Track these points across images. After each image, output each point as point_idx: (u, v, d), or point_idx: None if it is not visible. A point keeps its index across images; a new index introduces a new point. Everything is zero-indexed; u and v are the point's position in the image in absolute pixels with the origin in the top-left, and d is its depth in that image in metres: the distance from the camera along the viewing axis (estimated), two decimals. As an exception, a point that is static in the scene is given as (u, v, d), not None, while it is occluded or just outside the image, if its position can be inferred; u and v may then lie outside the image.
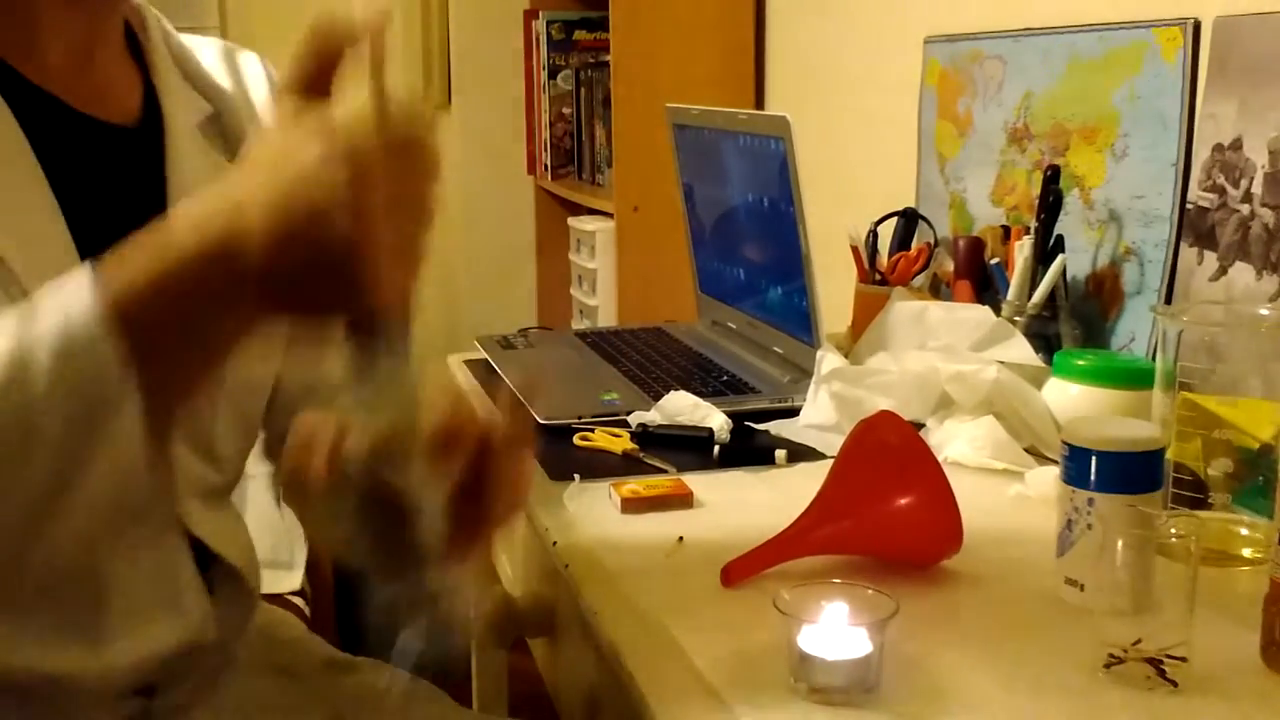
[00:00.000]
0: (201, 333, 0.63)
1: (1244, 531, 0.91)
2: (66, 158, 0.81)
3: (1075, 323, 1.33)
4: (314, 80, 0.63)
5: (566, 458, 1.18)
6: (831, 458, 0.95)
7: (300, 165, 0.60)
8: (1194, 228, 1.22)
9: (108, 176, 0.85)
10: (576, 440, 1.22)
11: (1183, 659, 0.73)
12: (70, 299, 0.62)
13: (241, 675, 0.99)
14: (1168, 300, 1.26)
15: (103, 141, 0.85)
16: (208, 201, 0.63)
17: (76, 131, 0.83)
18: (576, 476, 1.12)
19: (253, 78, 0.98)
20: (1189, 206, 1.23)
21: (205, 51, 0.96)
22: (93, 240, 0.79)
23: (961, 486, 0.88)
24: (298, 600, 1.92)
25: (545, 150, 2.88)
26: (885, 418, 0.92)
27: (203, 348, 0.64)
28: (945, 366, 1.19)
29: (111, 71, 0.87)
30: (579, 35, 2.80)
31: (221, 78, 0.95)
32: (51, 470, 0.62)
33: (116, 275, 0.62)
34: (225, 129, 0.93)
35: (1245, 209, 1.16)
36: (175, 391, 0.65)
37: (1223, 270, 1.19)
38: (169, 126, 0.88)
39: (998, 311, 1.31)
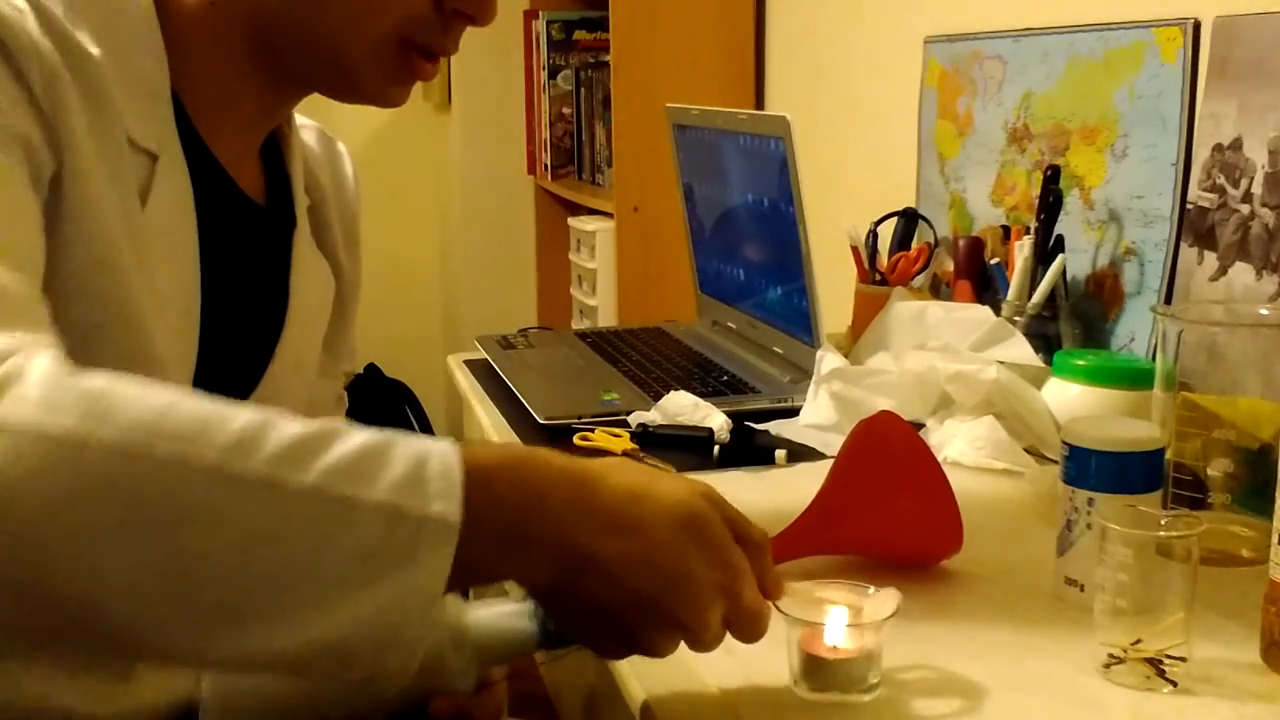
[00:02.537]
0: (520, 552, 0.64)
1: (1244, 531, 0.91)
2: (216, 227, 0.84)
3: (1075, 323, 1.33)
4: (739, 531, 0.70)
5: (566, 458, 1.18)
6: (831, 458, 0.95)
7: (702, 532, 0.67)
8: (1194, 228, 1.22)
9: (241, 251, 0.88)
10: (576, 440, 1.22)
11: (1182, 659, 0.73)
12: (436, 443, 0.62)
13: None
14: (1168, 300, 1.26)
15: (245, 217, 0.88)
16: (610, 472, 0.67)
17: (229, 204, 0.87)
18: (576, 476, 1.12)
19: (345, 174, 1.02)
20: (1189, 206, 1.23)
21: (307, 138, 0.99)
22: (215, 310, 0.83)
23: (961, 486, 0.88)
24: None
25: (545, 150, 2.87)
26: (885, 418, 0.92)
27: (507, 562, 0.65)
28: (945, 366, 1.19)
29: (250, 166, 0.91)
30: (579, 35, 2.80)
31: (320, 169, 0.99)
32: (336, 568, 0.59)
33: (487, 452, 0.64)
34: (317, 223, 0.97)
35: (1245, 209, 1.16)
36: (463, 578, 0.63)
37: (1223, 270, 1.19)
38: (298, 217, 0.93)
39: (998, 311, 1.31)
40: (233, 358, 0.87)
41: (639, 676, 0.76)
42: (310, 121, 1.01)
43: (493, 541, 0.63)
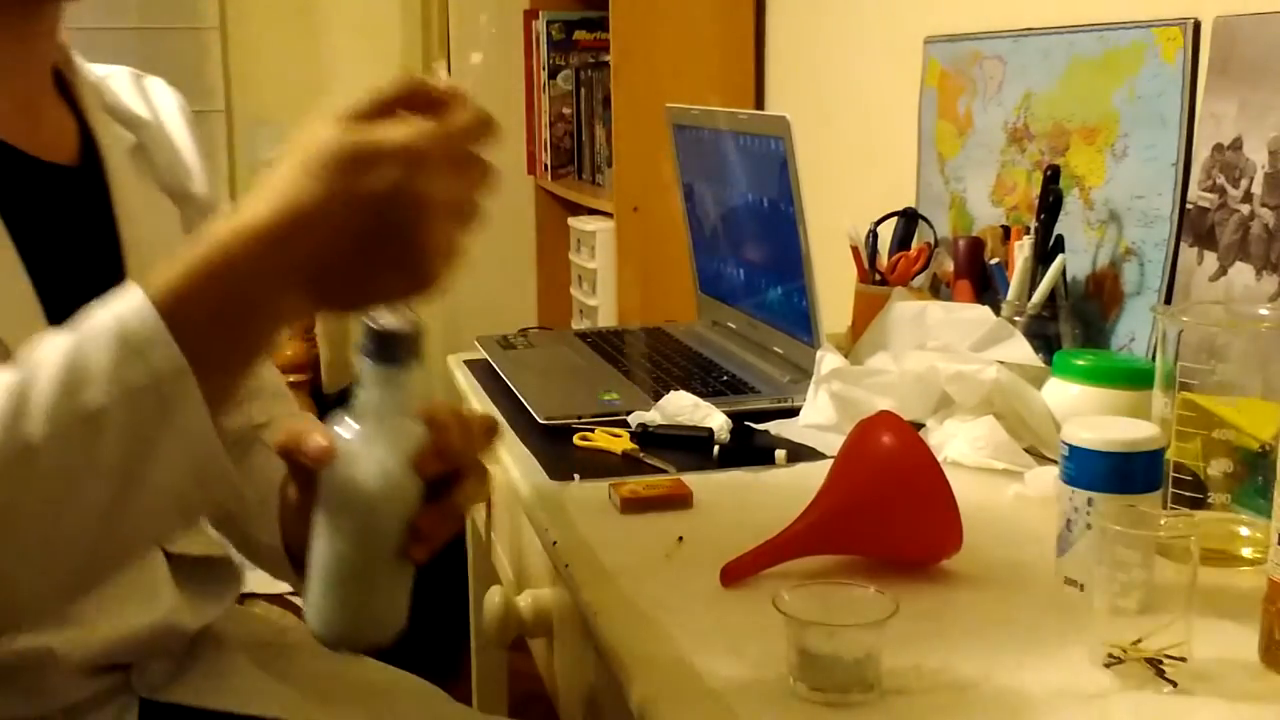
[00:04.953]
0: (252, 319, 0.65)
1: (1244, 531, 0.91)
2: (19, 201, 0.83)
3: (1075, 323, 1.33)
4: (381, 113, 0.65)
5: (566, 458, 1.18)
6: (831, 458, 0.95)
7: (357, 161, 0.63)
8: (1194, 228, 1.22)
9: (59, 216, 0.87)
10: (576, 440, 1.22)
11: (1182, 659, 0.73)
12: (121, 304, 0.64)
13: (228, 657, 1.01)
14: (1168, 300, 1.26)
15: (51, 183, 0.88)
16: (256, 196, 0.65)
17: (26, 174, 0.86)
18: (576, 476, 1.12)
19: (163, 102, 1.01)
20: (1189, 206, 1.23)
21: (116, 81, 0.99)
22: (50, 280, 0.82)
23: (961, 486, 0.88)
24: (298, 600, 1.92)
25: (545, 150, 2.87)
26: (885, 418, 0.92)
27: (253, 334, 0.66)
28: (945, 366, 1.19)
29: (49, 114, 0.90)
30: (579, 35, 2.80)
31: (136, 106, 0.98)
32: (121, 468, 0.63)
33: (166, 276, 0.64)
34: (149, 156, 0.97)
35: (1245, 209, 1.16)
36: (230, 377, 0.67)
37: (1223, 270, 1.19)
38: (108, 163, 0.92)
39: (998, 311, 1.31)
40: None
41: (639, 676, 0.76)
42: (119, 67, 1.00)
43: (229, 330, 0.65)
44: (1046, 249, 1.33)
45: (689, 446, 1.20)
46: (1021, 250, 1.34)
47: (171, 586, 0.94)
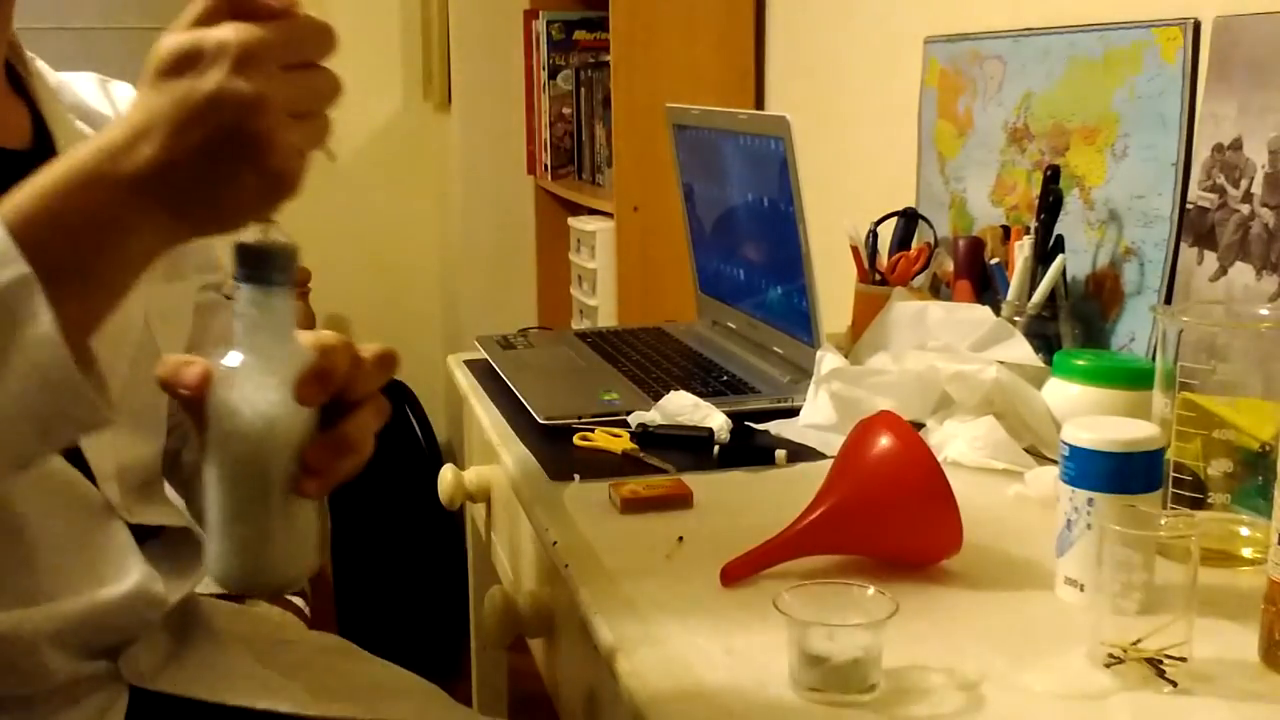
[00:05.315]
0: (104, 234, 0.64)
1: (1244, 531, 0.91)
2: None
3: (1075, 323, 1.33)
4: (212, 19, 0.64)
5: (566, 458, 1.18)
6: (831, 458, 0.95)
7: (181, 61, 0.62)
8: (1194, 228, 1.22)
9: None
10: (576, 440, 1.22)
11: (1182, 659, 0.73)
12: None
13: (222, 650, 1.01)
14: (1168, 300, 1.26)
15: (2, 165, 0.88)
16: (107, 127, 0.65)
17: None
18: (576, 476, 1.12)
19: (126, 104, 1.01)
20: (1189, 206, 1.23)
21: (80, 84, 1.00)
22: None
23: (961, 486, 0.88)
24: (298, 600, 1.92)
25: (545, 150, 2.87)
26: (885, 418, 0.92)
27: (109, 251, 0.64)
28: (945, 366, 1.19)
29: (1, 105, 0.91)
30: (579, 35, 2.80)
31: (100, 105, 0.99)
32: None
33: (15, 196, 0.64)
34: None
35: (1245, 209, 1.16)
36: (89, 298, 0.65)
37: (1223, 270, 1.19)
38: (62, 148, 0.92)
39: (998, 311, 1.31)
40: None
41: (638, 676, 0.76)
42: (84, 73, 1.01)
43: (81, 246, 0.63)
44: (1046, 249, 1.33)
45: (689, 446, 1.20)
46: (1021, 250, 1.34)
47: (138, 556, 0.94)
